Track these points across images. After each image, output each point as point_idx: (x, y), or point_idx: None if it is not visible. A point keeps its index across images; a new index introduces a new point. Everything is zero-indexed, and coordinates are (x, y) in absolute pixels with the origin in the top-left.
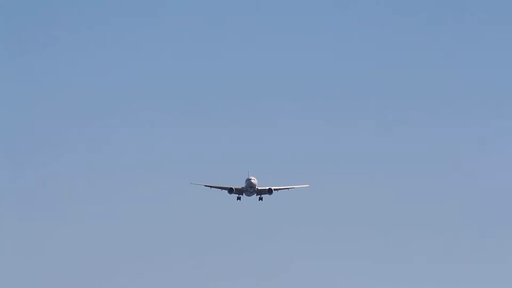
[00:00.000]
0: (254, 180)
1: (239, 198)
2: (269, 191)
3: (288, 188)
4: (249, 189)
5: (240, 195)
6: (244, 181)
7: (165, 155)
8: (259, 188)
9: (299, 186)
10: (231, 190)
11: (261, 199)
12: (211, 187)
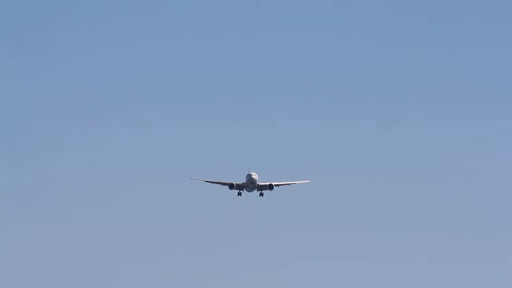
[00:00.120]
0: (254, 176)
1: (239, 194)
2: (270, 187)
3: (288, 184)
4: (250, 184)
5: (241, 191)
6: (244, 176)
7: (165, 151)
8: (260, 184)
9: (300, 182)
10: (231, 186)
11: (262, 195)
12: (211, 182)
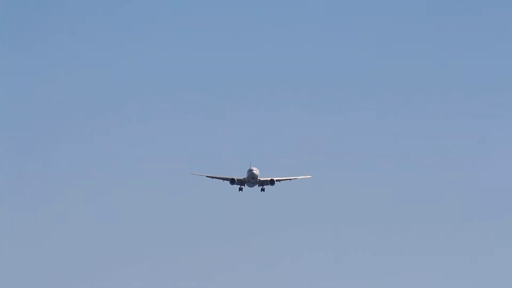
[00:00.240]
0: (256, 171)
1: (240, 189)
2: (271, 182)
3: (290, 179)
4: (251, 180)
5: (242, 186)
6: (245, 172)
7: (166, 146)
8: (261, 179)
9: (301, 177)
10: (232, 181)
11: (263, 190)
12: (212, 177)
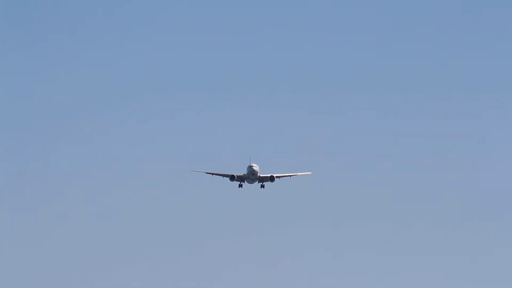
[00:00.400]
0: (255, 167)
1: (240, 186)
2: (271, 179)
3: (290, 176)
4: (251, 176)
5: (242, 183)
6: (245, 168)
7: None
8: (261, 176)
9: (301, 173)
10: (232, 177)
11: (263, 187)
12: (212, 174)
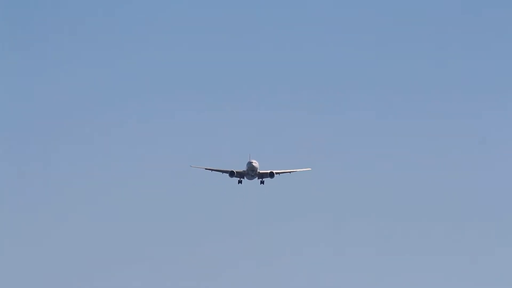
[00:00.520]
0: (255, 163)
1: (240, 182)
2: (271, 175)
3: (289, 172)
4: (250, 172)
5: (241, 179)
6: (245, 164)
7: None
8: (261, 172)
9: (301, 169)
10: (232, 174)
11: (263, 183)
12: (211, 170)
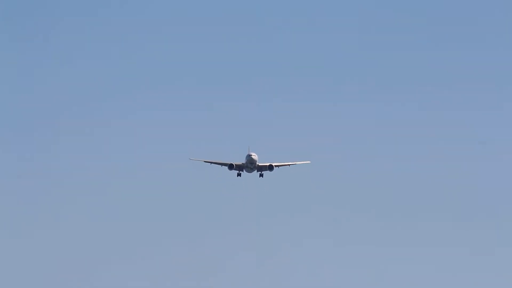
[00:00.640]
0: (254, 156)
1: (239, 175)
2: (270, 168)
3: (289, 165)
4: (250, 165)
5: (241, 171)
6: (244, 157)
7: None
8: (260, 164)
9: (300, 162)
10: (231, 166)
11: (262, 176)
12: (210, 163)
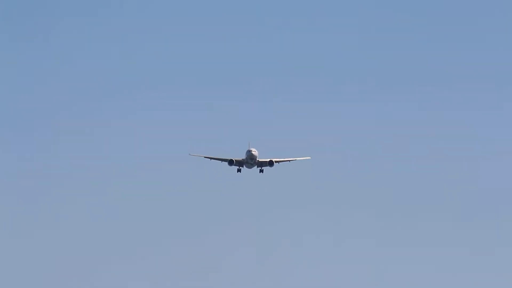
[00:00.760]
0: (254, 152)
1: (239, 170)
2: (270, 163)
3: (289, 160)
4: (250, 161)
5: (241, 167)
6: (244, 152)
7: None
8: (260, 160)
9: (300, 158)
10: (231, 162)
11: (262, 171)
12: (210, 158)
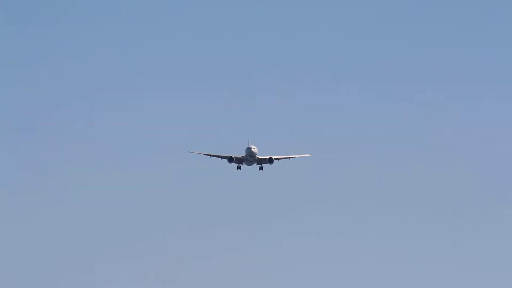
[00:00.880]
0: (254, 149)
1: (239, 167)
2: (270, 161)
3: (289, 158)
4: (249, 158)
5: (240, 164)
6: (244, 150)
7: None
8: (260, 157)
9: (300, 155)
10: (231, 159)
11: (262, 169)
12: (210, 155)
